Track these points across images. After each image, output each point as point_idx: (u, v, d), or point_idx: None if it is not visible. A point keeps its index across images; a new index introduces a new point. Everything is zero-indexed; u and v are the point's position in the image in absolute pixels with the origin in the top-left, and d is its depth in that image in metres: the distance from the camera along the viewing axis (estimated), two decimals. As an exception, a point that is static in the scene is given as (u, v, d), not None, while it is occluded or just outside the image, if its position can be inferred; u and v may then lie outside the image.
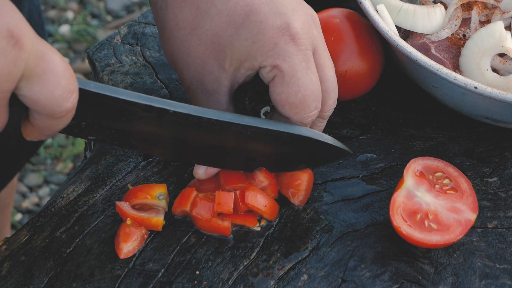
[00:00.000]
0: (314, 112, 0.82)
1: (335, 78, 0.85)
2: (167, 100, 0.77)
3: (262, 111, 0.95)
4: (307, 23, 0.80)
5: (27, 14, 1.20)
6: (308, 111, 0.81)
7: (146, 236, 0.86)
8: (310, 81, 0.80)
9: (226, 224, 0.86)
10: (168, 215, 0.89)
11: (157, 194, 0.87)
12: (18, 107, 0.69)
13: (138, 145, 0.82)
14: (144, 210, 0.87)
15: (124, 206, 0.86)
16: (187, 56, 0.82)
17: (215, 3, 0.79)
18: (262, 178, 0.88)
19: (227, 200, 0.85)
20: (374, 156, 0.96)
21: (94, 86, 0.74)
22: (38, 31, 1.25)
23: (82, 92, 0.73)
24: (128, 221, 0.85)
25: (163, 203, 0.87)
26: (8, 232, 1.60)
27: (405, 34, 1.00)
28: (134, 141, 0.81)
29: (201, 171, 0.87)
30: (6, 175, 1.30)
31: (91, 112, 0.76)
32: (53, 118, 0.68)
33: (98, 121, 0.77)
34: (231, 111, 0.85)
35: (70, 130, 0.77)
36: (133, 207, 0.87)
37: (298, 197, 0.89)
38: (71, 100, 0.67)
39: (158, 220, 0.86)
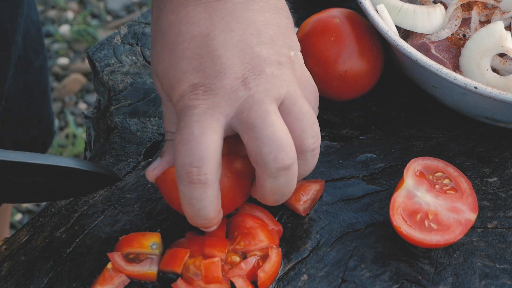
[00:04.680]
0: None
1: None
2: None
3: None
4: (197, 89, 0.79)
5: (25, 14, 1.20)
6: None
7: (125, 283, 0.82)
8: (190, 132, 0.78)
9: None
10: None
11: (150, 243, 0.83)
12: None
13: None
14: (139, 258, 0.83)
15: (116, 258, 0.83)
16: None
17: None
18: (262, 237, 0.84)
19: (214, 271, 0.81)
20: (374, 156, 0.96)
21: None
22: (35, 32, 1.24)
23: None
24: (109, 265, 0.82)
25: (157, 252, 0.83)
26: (8, 232, 1.60)
27: (405, 34, 1.00)
28: None
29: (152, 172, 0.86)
30: None
31: None
32: None
33: None
34: None
35: None
36: (127, 255, 0.83)
37: (304, 205, 0.89)
38: None
39: (151, 273, 0.82)
